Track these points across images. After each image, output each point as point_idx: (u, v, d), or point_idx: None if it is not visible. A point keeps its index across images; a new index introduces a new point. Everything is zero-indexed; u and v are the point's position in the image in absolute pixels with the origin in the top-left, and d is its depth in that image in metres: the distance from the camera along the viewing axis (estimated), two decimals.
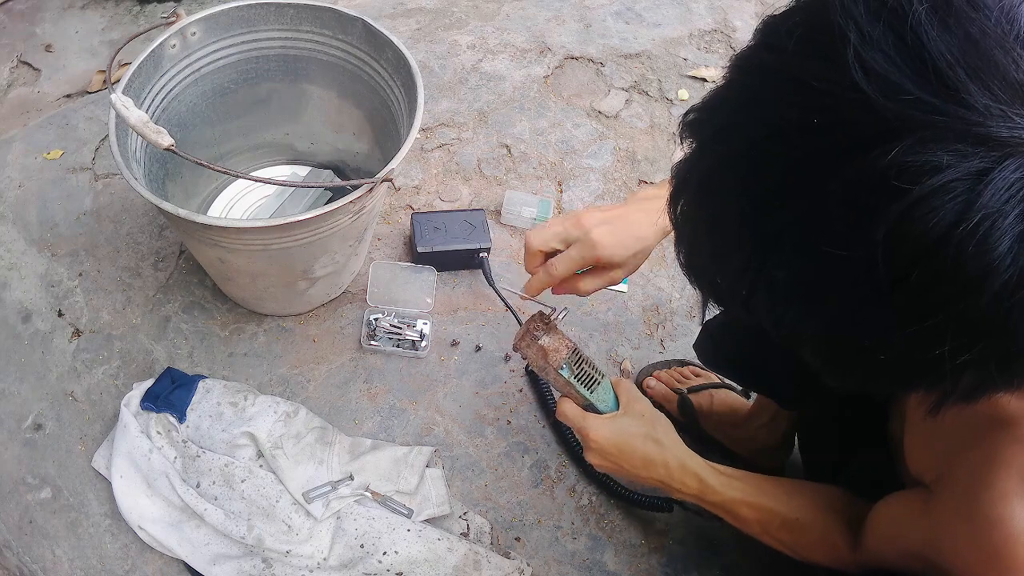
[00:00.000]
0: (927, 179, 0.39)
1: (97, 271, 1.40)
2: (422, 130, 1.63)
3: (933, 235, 0.40)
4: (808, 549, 0.88)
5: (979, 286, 0.40)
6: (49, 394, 1.25)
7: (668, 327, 1.42)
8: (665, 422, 0.97)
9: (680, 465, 0.92)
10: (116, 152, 1.04)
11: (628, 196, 0.95)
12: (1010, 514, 0.60)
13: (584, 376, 0.96)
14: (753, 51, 0.48)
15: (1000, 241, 0.39)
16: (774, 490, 0.92)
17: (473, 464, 1.25)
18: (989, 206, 0.39)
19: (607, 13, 1.93)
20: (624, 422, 0.95)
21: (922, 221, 0.40)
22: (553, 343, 0.94)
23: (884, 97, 0.40)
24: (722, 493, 0.91)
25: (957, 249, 0.39)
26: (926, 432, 0.75)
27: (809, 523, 0.88)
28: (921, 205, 0.39)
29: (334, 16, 1.24)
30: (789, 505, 0.89)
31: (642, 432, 0.94)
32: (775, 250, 0.46)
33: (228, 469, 1.16)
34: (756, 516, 0.90)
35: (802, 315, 0.48)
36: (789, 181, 0.44)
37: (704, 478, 0.92)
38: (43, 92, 1.76)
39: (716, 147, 0.50)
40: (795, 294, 0.47)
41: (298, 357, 1.32)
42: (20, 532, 1.13)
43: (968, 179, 0.39)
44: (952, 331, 0.42)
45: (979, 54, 0.40)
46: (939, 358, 0.43)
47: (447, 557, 1.12)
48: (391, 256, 1.45)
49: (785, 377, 1.00)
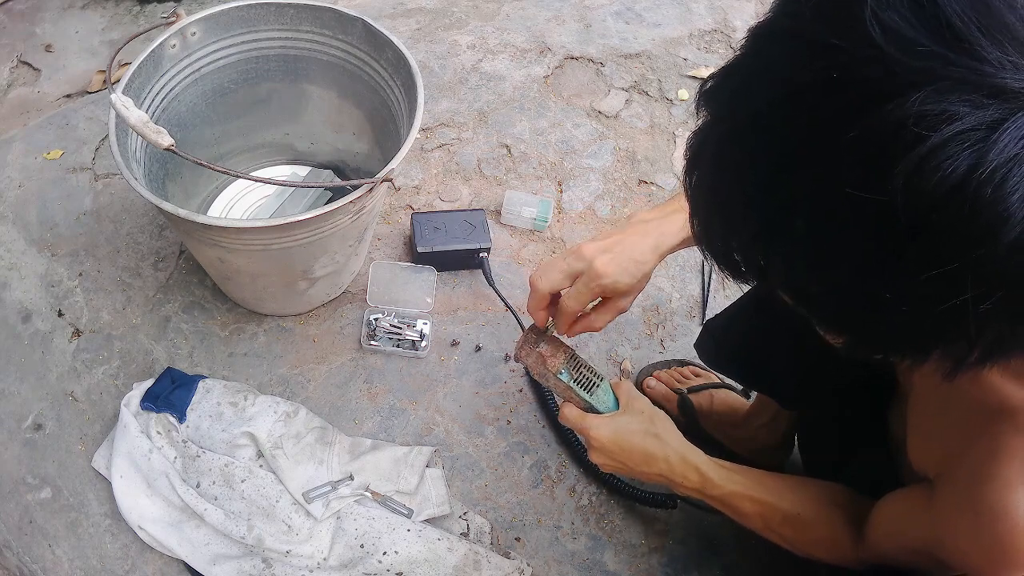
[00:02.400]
0: (944, 127, 0.40)
1: (97, 271, 1.40)
2: (422, 130, 1.63)
3: (950, 182, 0.40)
4: (810, 545, 0.88)
5: (995, 234, 0.41)
6: (49, 394, 1.25)
7: (668, 327, 1.42)
8: (664, 418, 0.97)
9: (681, 459, 0.93)
10: (116, 152, 1.04)
11: (625, 220, 0.95)
12: (1014, 504, 0.60)
13: (582, 379, 0.98)
14: (769, 19, 0.49)
15: (1017, 188, 0.40)
16: (776, 485, 0.92)
17: (473, 464, 1.25)
18: (1005, 154, 0.39)
19: (607, 13, 1.93)
20: (623, 420, 0.96)
21: (939, 169, 0.40)
22: (551, 349, 0.96)
23: (900, 51, 0.41)
24: (723, 487, 0.91)
25: (974, 195, 0.40)
26: (929, 427, 0.75)
27: (811, 519, 0.88)
28: (938, 153, 0.40)
29: (334, 16, 1.24)
30: (791, 500, 0.89)
31: (641, 428, 0.95)
32: (791, 213, 0.46)
33: (228, 469, 1.16)
34: (758, 510, 0.90)
35: (821, 277, 0.48)
36: (804, 141, 0.45)
37: (705, 471, 0.92)
38: (43, 92, 1.76)
39: (729, 113, 0.50)
40: (812, 256, 0.47)
41: (298, 357, 1.32)
42: (20, 532, 1.13)
43: (983, 128, 0.40)
44: (969, 281, 0.42)
45: (990, 13, 0.41)
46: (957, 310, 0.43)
47: (447, 557, 1.12)
48: (391, 256, 1.45)
49: (787, 376, 1.01)
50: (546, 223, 1.50)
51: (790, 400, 1.10)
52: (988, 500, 0.61)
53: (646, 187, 1.62)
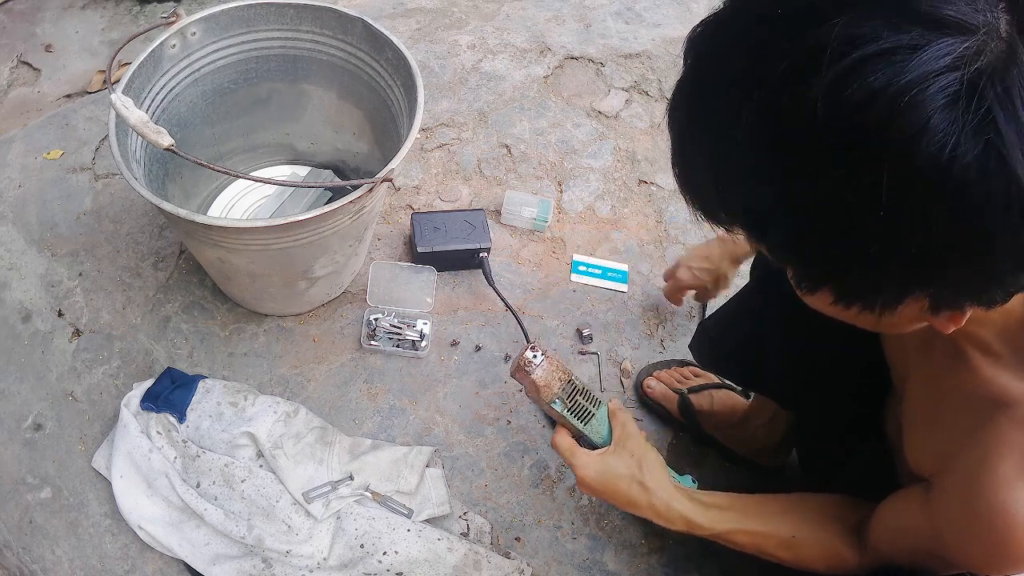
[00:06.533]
0: (864, 47, 0.43)
1: (97, 271, 1.40)
2: (422, 130, 1.63)
3: (865, 94, 0.43)
4: (810, 562, 0.87)
5: (915, 141, 0.43)
6: (49, 394, 1.25)
7: (668, 327, 1.42)
8: (652, 461, 0.94)
9: (666, 507, 0.90)
10: (116, 152, 1.05)
11: None
12: (1012, 500, 0.60)
13: (577, 408, 0.95)
14: None
15: (930, 104, 0.42)
16: (767, 511, 0.90)
17: (473, 464, 1.25)
18: (922, 70, 0.42)
19: (607, 13, 1.93)
20: (611, 462, 0.92)
21: (857, 79, 0.43)
22: (545, 377, 0.92)
23: None
24: (712, 528, 0.90)
25: (889, 108, 0.43)
26: (925, 426, 0.75)
27: (807, 539, 0.87)
28: (857, 67, 0.43)
29: (334, 16, 1.25)
30: (786, 524, 0.88)
31: (628, 474, 0.92)
32: (737, 141, 0.50)
33: (228, 469, 1.16)
34: (751, 541, 0.89)
35: (774, 205, 0.50)
36: (745, 70, 0.48)
37: (691, 519, 0.90)
38: (43, 92, 1.76)
39: (691, 52, 0.55)
40: (761, 180, 0.50)
41: (298, 357, 1.32)
42: (20, 532, 1.13)
43: (904, 49, 0.43)
44: (908, 209, 0.45)
45: None
46: (907, 234, 0.46)
47: (447, 557, 1.12)
48: (391, 256, 1.45)
49: (782, 375, 1.01)
50: (546, 223, 1.50)
51: (787, 399, 1.10)
52: (986, 497, 0.61)
53: (646, 187, 1.62)
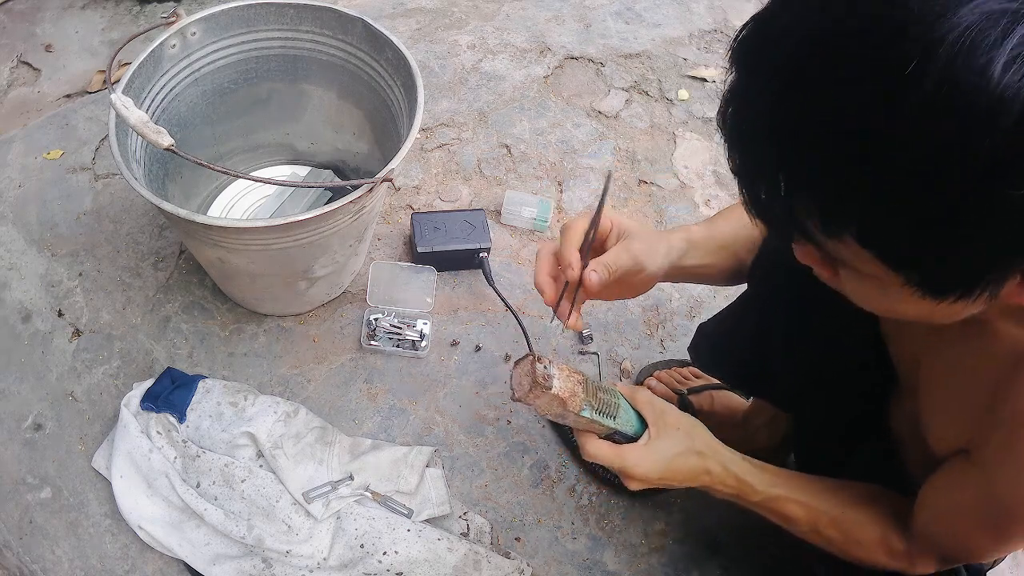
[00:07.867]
0: None
1: (97, 271, 1.40)
2: (422, 130, 1.63)
3: None
4: (858, 544, 0.85)
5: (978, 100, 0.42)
6: (49, 394, 1.25)
7: (668, 327, 1.42)
8: (698, 426, 0.91)
9: (723, 469, 0.88)
10: (116, 152, 1.05)
11: None
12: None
13: (603, 406, 0.85)
14: None
15: (992, 53, 0.42)
16: (817, 487, 0.88)
17: (473, 464, 1.25)
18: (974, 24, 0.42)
19: (607, 13, 1.93)
20: (663, 445, 0.87)
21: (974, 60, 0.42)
22: (566, 387, 0.81)
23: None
24: (765, 492, 0.88)
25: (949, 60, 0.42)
26: (949, 402, 0.74)
27: (858, 518, 0.85)
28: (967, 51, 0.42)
29: (334, 16, 1.25)
30: (834, 501, 0.86)
31: (683, 449, 0.88)
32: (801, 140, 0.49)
33: (228, 469, 1.16)
34: (803, 513, 0.87)
35: (851, 189, 0.49)
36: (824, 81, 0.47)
37: (747, 479, 0.88)
38: (43, 92, 1.76)
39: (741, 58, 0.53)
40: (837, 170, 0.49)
41: (298, 357, 1.32)
42: (20, 532, 1.13)
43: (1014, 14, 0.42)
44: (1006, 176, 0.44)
45: None
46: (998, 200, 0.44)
47: (447, 557, 1.12)
48: (391, 256, 1.45)
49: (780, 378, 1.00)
50: (546, 223, 1.50)
51: (786, 401, 1.09)
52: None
53: (646, 187, 1.62)
